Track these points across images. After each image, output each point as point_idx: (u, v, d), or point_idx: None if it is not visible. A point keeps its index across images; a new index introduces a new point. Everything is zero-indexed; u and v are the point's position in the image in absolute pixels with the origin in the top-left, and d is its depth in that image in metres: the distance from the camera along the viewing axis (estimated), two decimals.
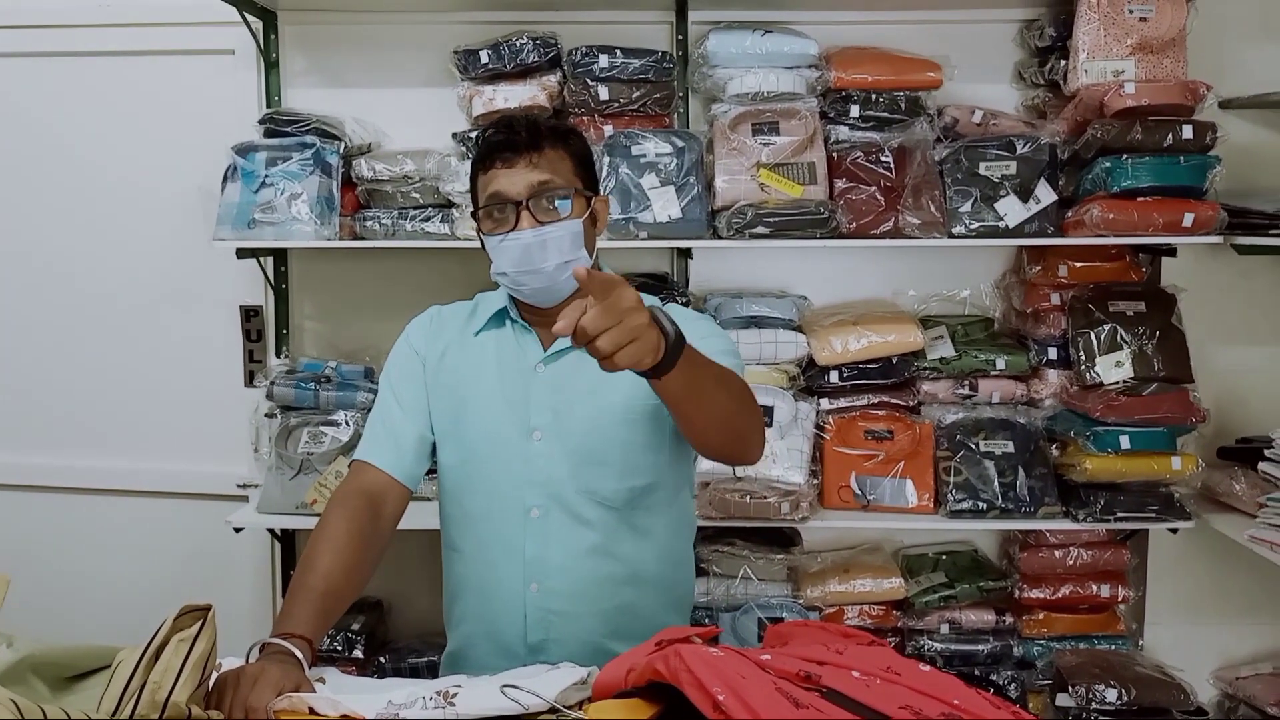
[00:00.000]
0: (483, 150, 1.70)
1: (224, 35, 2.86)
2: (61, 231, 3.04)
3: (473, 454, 1.72)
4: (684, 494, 1.83)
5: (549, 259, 1.63)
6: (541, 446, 1.69)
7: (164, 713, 1.08)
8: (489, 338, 1.78)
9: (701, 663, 1.12)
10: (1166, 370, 2.57)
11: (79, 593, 3.07)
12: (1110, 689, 2.55)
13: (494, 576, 1.72)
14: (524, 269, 1.65)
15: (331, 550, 1.57)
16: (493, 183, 1.66)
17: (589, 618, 1.69)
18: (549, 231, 1.63)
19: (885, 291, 2.91)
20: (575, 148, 1.73)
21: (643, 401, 1.66)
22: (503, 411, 1.71)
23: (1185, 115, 2.50)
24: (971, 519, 2.64)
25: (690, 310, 1.84)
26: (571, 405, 1.69)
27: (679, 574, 1.82)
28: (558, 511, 1.69)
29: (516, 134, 1.67)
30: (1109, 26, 2.56)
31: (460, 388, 1.74)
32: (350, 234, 2.66)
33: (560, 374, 1.71)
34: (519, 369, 1.73)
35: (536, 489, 1.69)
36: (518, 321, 1.76)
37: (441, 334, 1.80)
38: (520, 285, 1.68)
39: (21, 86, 3.01)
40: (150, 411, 3.05)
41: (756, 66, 2.64)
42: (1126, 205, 2.47)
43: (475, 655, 1.76)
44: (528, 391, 1.71)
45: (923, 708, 1.09)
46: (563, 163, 1.69)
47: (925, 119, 2.66)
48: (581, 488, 1.68)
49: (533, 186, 1.64)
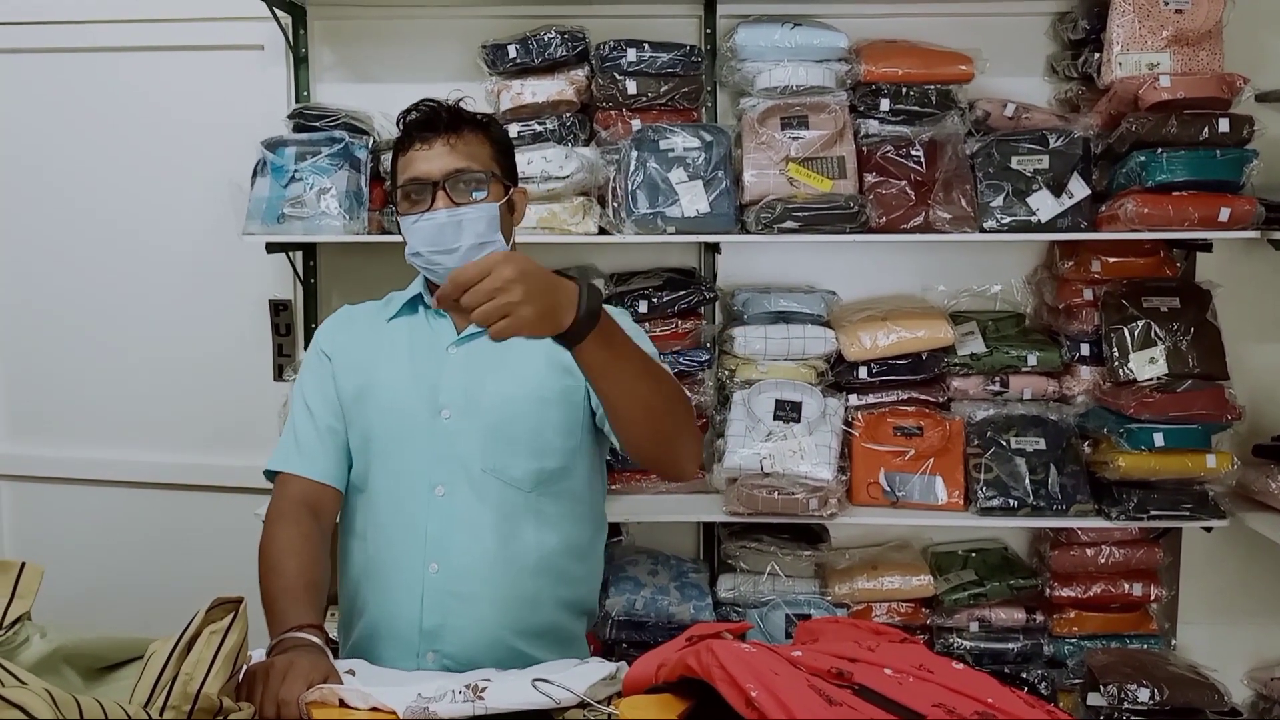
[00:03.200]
0: (403, 132, 1.73)
1: (253, 30, 2.87)
2: (92, 225, 3.06)
3: (378, 434, 1.71)
4: (595, 492, 1.81)
5: (463, 239, 1.66)
6: (450, 425, 1.68)
7: (195, 704, 1.09)
8: (401, 324, 1.80)
9: (734, 658, 1.11)
10: (1201, 367, 2.54)
11: (110, 585, 3.09)
12: (1143, 689, 2.52)
13: (393, 557, 1.69)
14: (438, 249, 1.67)
15: (293, 552, 1.58)
16: (411, 165, 1.69)
17: (487, 604, 1.65)
18: (464, 213, 1.66)
19: (915, 287, 2.89)
20: (495, 134, 1.76)
21: (556, 382, 1.69)
22: (411, 390, 1.71)
23: (1221, 108, 2.46)
24: (1002, 516, 2.61)
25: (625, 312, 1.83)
26: (483, 383, 1.69)
27: (583, 574, 1.79)
28: (464, 489, 1.67)
29: (436, 115, 1.71)
30: (1144, 19, 2.53)
31: (367, 371, 1.75)
32: (378, 228, 2.66)
33: (472, 355, 1.72)
34: (430, 351, 1.74)
35: (443, 466, 1.67)
36: (430, 307, 1.77)
37: (349, 326, 1.83)
38: (434, 265, 1.70)
39: (52, 82, 3.04)
40: (180, 405, 3.07)
41: (785, 60, 2.62)
42: (1161, 200, 2.44)
43: (371, 647, 1.71)
44: (439, 372, 1.71)
45: (956, 706, 1.07)
46: (481, 148, 1.71)
47: (956, 112, 2.64)
48: (489, 466, 1.67)
49: (450, 168, 1.67)
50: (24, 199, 3.09)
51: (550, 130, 2.61)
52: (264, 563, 1.60)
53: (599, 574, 1.86)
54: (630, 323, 1.76)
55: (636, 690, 1.27)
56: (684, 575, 2.75)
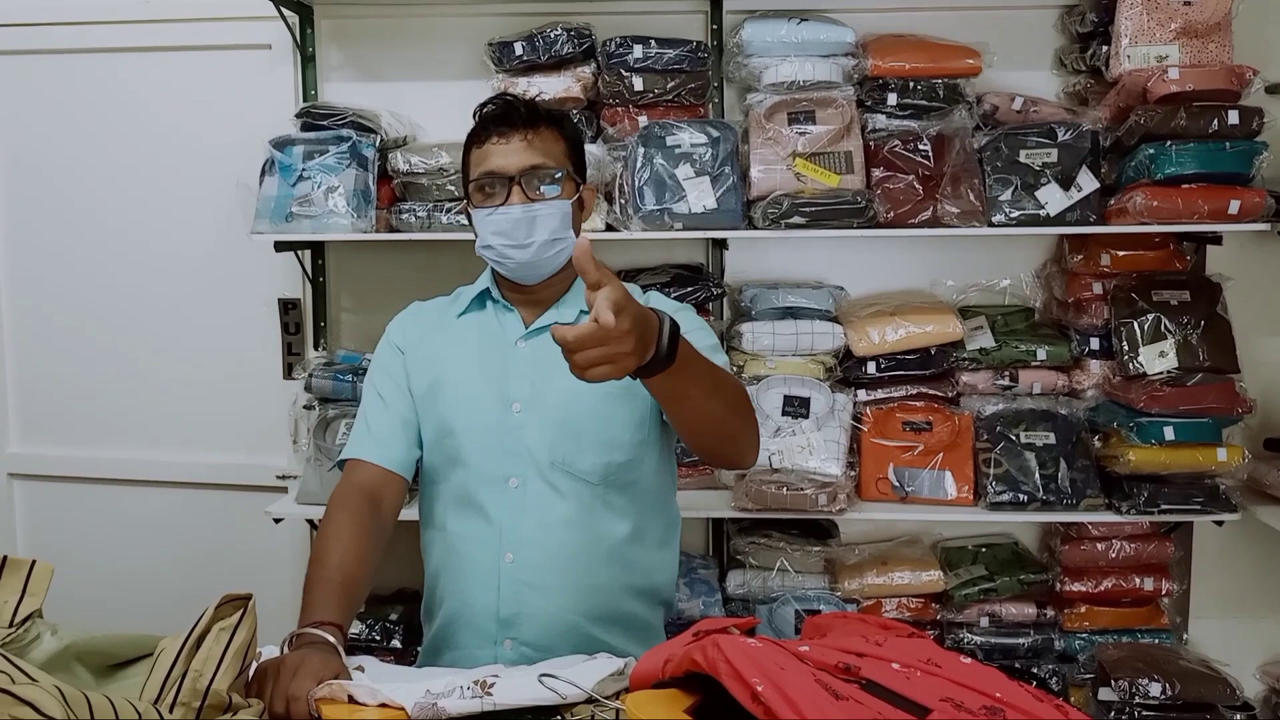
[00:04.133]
0: (479, 124, 1.73)
1: (261, 30, 2.89)
2: (100, 226, 3.08)
3: (452, 428, 1.73)
4: (665, 483, 1.83)
5: (536, 235, 1.68)
6: (520, 418, 1.71)
7: (205, 701, 1.09)
8: (470, 319, 1.81)
9: (740, 653, 1.11)
10: (1211, 360, 2.53)
11: (121, 583, 3.11)
12: (1154, 683, 2.51)
13: (469, 548, 1.72)
14: (511, 243, 1.69)
15: (340, 545, 1.59)
16: (487, 158, 1.70)
17: (560, 593, 1.68)
18: (539, 209, 1.68)
19: (923, 281, 2.88)
20: (568, 131, 1.77)
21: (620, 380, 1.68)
22: (482, 385, 1.73)
23: (1231, 101, 2.45)
24: (1012, 511, 2.61)
25: (672, 302, 1.85)
26: (550, 378, 1.70)
27: (655, 563, 1.81)
28: (536, 481, 1.70)
29: (514, 110, 1.71)
30: (1152, 11, 2.52)
31: (438, 366, 1.77)
32: (386, 227, 2.67)
33: (540, 349, 1.72)
34: (499, 345, 1.76)
35: (515, 459, 1.70)
36: (499, 301, 1.80)
37: (419, 321, 1.85)
38: (505, 259, 1.71)
39: (61, 83, 3.05)
40: (190, 404, 3.08)
41: (792, 55, 2.62)
42: (1171, 192, 2.43)
43: (453, 634, 1.75)
44: (507, 366, 1.74)
45: (964, 700, 1.07)
46: (556, 144, 1.72)
47: (964, 107, 2.63)
48: (558, 459, 1.69)
49: (526, 164, 1.68)
50: (33, 201, 3.11)
51: None
52: (314, 547, 1.63)
53: (673, 565, 1.87)
54: (692, 317, 1.78)
55: (643, 685, 1.27)
56: (693, 571, 2.75)
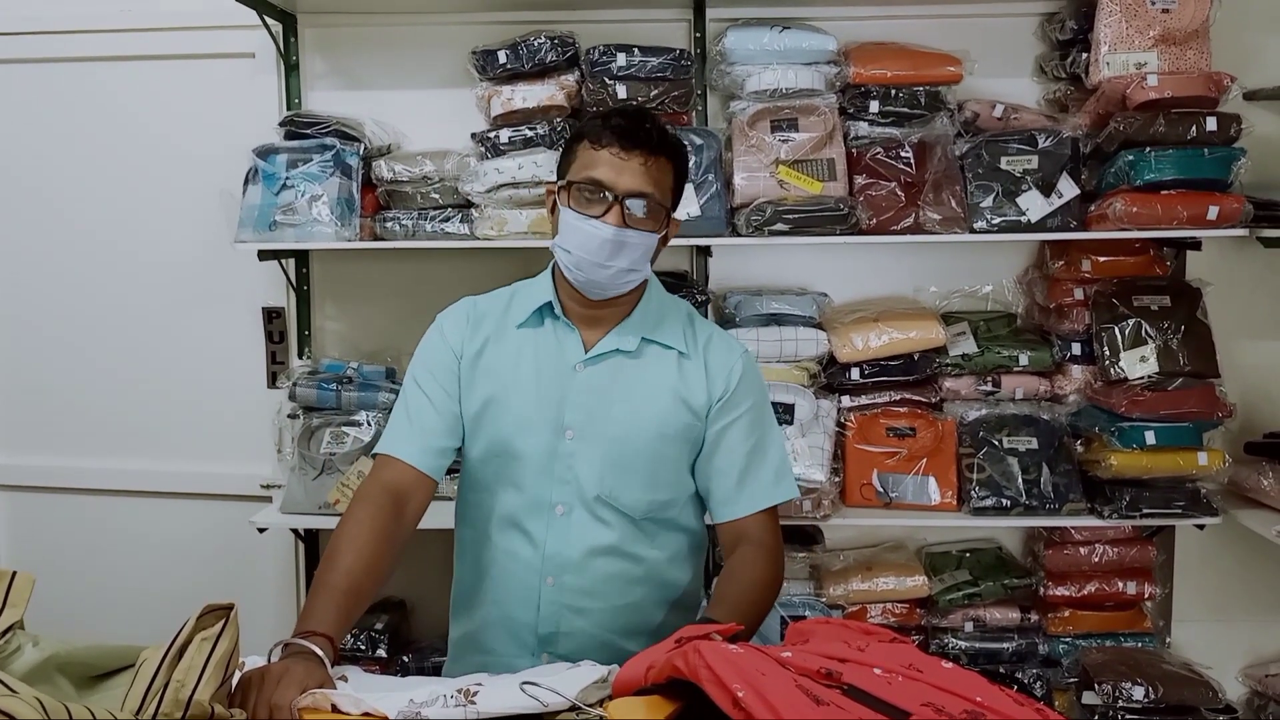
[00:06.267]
0: (602, 127, 1.66)
1: (244, 39, 2.88)
2: (83, 235, 3.06)
3: (506, 449, 1.72)
4: (697, 511, 1.85)
5: (619, 260, 1.65)
6: (572, 445, 1.71)
7: (187, 711, 1.09)
8: (529, 333, 1.77)
9: (721, 660, 1.11)
10: (1192, 365, 2.55)
11: (104, 593, 3.09)
12: (1137, 687, 2.53)
13: (513, 566, 1.75)
14: (593, 259, 1.65)
15: (354, 549, 1.57)
16: (599, 165, 1.64)
17: (599, 613, 1.73)
18: (630, 235, 1.64)
19: (906, 288, 2.89)
20: (680, 166, 1.73)
21: (678, 419, 1.73)
22: (537, 407, 1.71)
23: (1209, 107, 2.48)
24: (995, 516, 2.62)
25: (734, 352, 1.81)
26: (608, 409, 1.71)
27: (687, 577, 1.84)
28: (580, 510, 1.71)
29: (644, 129, 1.66)
30: (1131, 19, 2.54)
31: (496, 381, 1.74)
32: (370, 235, 2.67)
33: (599, 376, 1.73)
34: (558, 367, 1.73)
35: (565, 487, 1.71)
36: (560, 319, 1.76)
37: (480, 327, 1.78)
38: (579, 270, 1.68)
39: (44, 92, 3.04)
40: (174, 413, 3.07)
41: (775, 63, 2.63)
42: (1150, 198, 2.45)
43: (489, 640, 1.78)
44: (564, 390, 1.72)
45: (945, 705, 1.08)
46: (666, 176, 1.69)
47: (945, 114, 2.65)
48: (605, 492, 1.70)
49: (636, 189, 1.64)
50: (14, 209, 3.10)
51: (541, 135, 2.62)
52: (332, 541, 1.60)
53: (701, 573, 1.91)
54: (754, 388, 1.80)
55: (626, 692, 1.27)
56: None
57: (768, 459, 1.77)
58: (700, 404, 1.74)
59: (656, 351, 1.75)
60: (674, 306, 1.82)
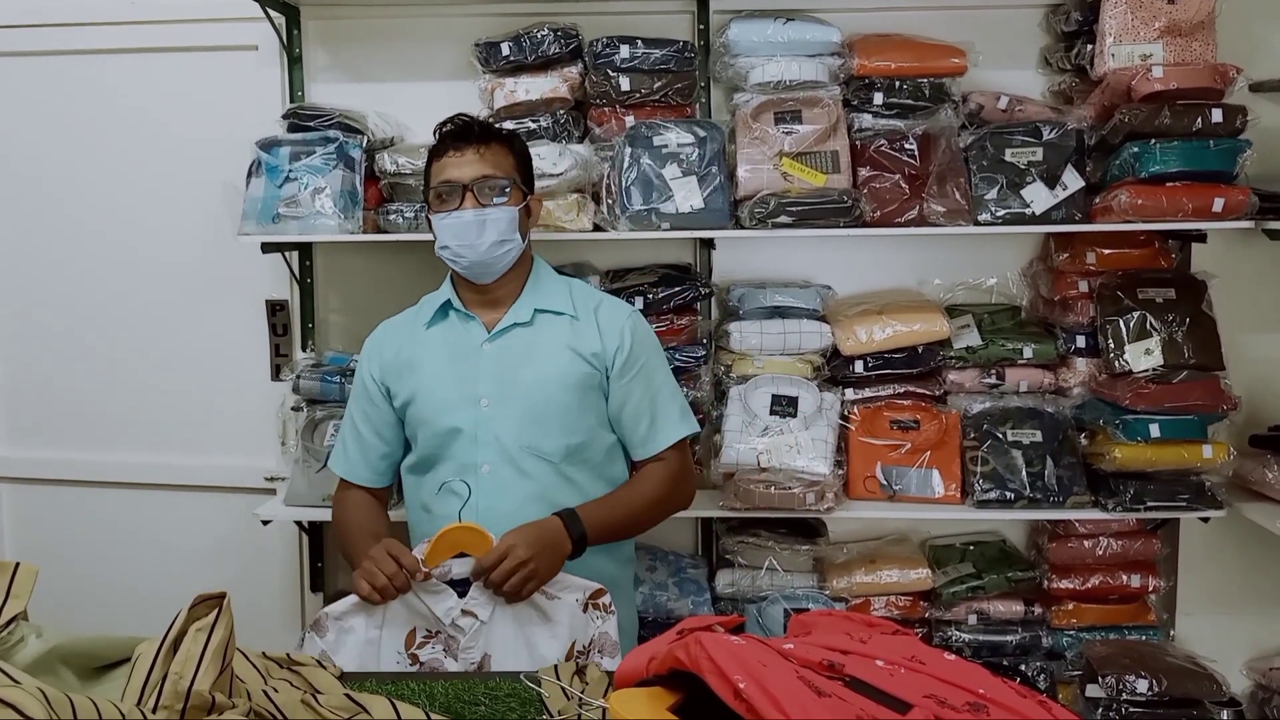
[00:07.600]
0: (438, 140, 2.00)
1: (248, 31, 2.88)
2: (87, 228, 3.06)
3: (433, 430, 1.99)
4: (615, 457, 2.08)
5: (486, 236, 1.94)
6: (489, 410, 1.97)
7: (188, 702, 1.09)
8: (436, 330, 2.06)
9: (723, 651, 1.11)
10: (1197, 357, 2.54)
11: (107, 586, 3.10)
12: (1141, 680, 2.52)
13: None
14: (464, 243, 1.94)
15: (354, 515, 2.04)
16: (444, 169, 1.96)
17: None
18: (488, 213, 1.94)
19: (910, 280, 2.89)
20: (517, 148, 2.04)
21: (577, 369, 1.99)
22: (453, 386, 1.99)
23: (1215, 99, 2.46)
24: (999, 509, 2.62)
25: (623, 312, 2.09)
26: (515, 373, 1.98)
27: None
28: (504, 466, 1.96)
29: (470, 127, 1.98)
30: (1136, 10, 2.53)
31: (415, 378, 2.03)
32: (373, 227, 2.67)
33: (503, 349, 2.00)
34: (465, 350, 2.01)
35: (487, 448, 1.97)
36: (460, 310, 2.04)
37: (392, 340, 2.09)
38: (459, 258, 1.96)
39: (47, 85, 3.04)
40: (177, 406, 3.08)
41: (778, 55, 2.62)
42: (1155, 191, 2.44)
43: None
44: (475, 368, 1.99)
45: (947, 697, 1.08)
46: (505, 158, 1.99)
47: (950, 106, 2.64)
48: (525, 444, 1.96)
49: (478, 174, 1.94)
50: (18, 202, 3.10)
51: (544, 127, 2.62)
52: (336, 526, 2.09)
53: None
54: (645, 344, 2.09)
55: (628, 683, 1.27)
56: (682, 571, 2.76)
57: (674, 401, 2.07)
58: (595, 354, 2.00)
59: (549, 319, 2.03)
60: (559, 281, 2.10)
